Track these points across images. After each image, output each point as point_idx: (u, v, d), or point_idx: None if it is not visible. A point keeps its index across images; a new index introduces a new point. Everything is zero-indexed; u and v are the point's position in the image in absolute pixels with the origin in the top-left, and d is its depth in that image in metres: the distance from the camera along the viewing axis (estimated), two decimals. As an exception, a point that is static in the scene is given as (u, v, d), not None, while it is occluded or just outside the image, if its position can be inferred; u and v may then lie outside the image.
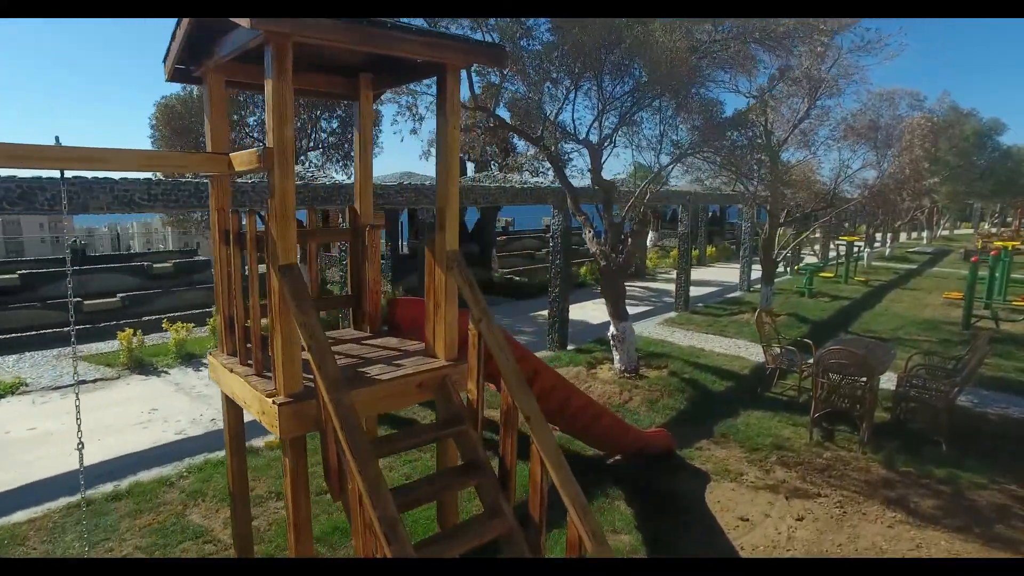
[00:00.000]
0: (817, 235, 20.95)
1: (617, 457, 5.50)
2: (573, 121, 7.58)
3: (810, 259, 21.11)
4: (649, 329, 10.74)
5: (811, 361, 6.58)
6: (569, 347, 9.48)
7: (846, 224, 23.96)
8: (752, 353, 9.18)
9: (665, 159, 8.13)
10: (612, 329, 7.90)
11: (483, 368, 2.99)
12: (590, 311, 12.42)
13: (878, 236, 24.58)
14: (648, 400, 6.94)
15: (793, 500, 4.83)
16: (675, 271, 19.29)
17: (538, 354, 8.98)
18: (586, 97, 7.42)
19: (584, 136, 7.43)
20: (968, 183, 20.66)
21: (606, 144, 7.59)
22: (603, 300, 7.96)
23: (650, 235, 25.30)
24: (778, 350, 7.44)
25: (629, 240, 7.52)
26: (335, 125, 12.73)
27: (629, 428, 5.37)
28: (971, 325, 10.94)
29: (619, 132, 7.61)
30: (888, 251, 23.53)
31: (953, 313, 12.13)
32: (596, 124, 7.36)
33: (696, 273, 18.48)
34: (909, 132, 10.18)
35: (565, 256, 9.53)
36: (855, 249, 17.78)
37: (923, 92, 17.76)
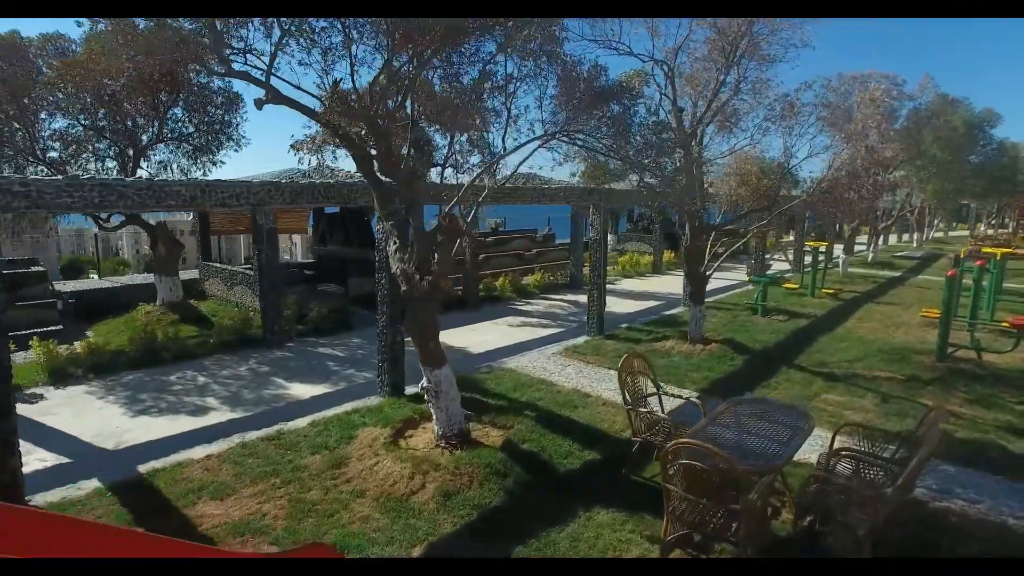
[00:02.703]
0: (788, 238, 18.75)
1: None
2: (354, 83, 5.35)
3: (781, 265, 18.87)
4: (536, 362, 8.52)
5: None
6: (409, 390, 7.27)
7: (812, 228, 21.75)
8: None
9: (516, 140, 5.95)
10: (424, 380, 5.69)
11: None
12: (485, 335, 10.20)
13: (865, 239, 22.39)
14: (443, 492, 4.73)
15: None
16: (622, 279, 17.15)
17: (350, 404, 6.82)
18: (374, 47, 5.21)
19: (375, 105, 5.20)
20: (959, 180, 18.36)
21: (402, 113, 5.41)
22: (516, 320, 5.79)
23: (608, 238, 23.07)
24: (649, 413, 5.18)
25: (435, 256, 5.30)
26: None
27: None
28: (947, 356, 8.70)
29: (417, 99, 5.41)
30: (871, 256, 21.24)
31: (929, 336, 9.87)
32: (392, 87, 5.13)
33: (646, 283, 16.27)
34: (861, 112, 7.93)
35: (390, 273, 7.23)
36: (824, 256, 15.52)
37: (902, 76, 15.54)
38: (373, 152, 5.53)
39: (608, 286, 15.70)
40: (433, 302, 5.45)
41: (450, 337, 10.02)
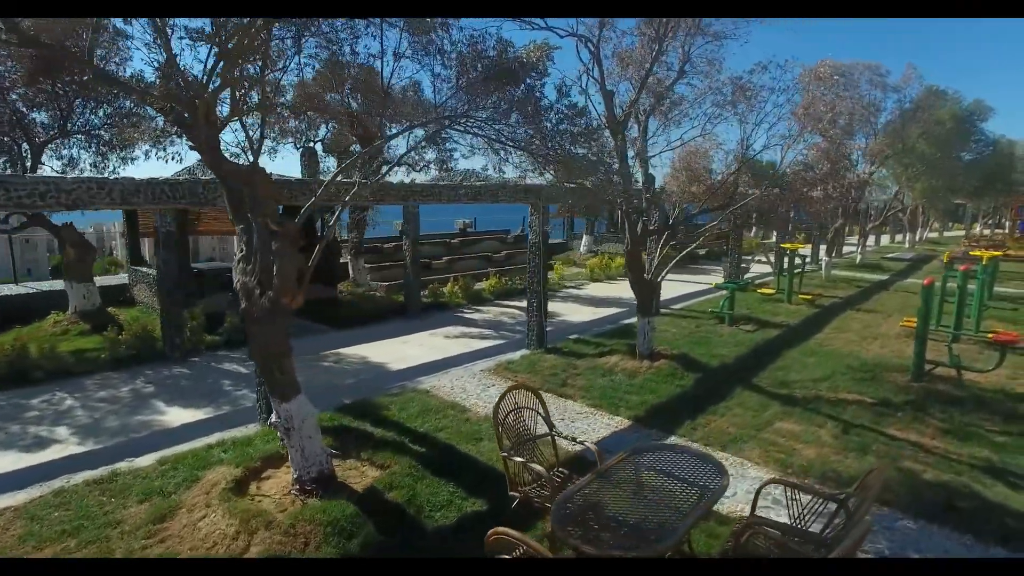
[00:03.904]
0: (771, 240, 17.77)
1: None
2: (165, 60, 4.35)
3: (762, 268, 17.88)
4: (459, 381, 7.54)
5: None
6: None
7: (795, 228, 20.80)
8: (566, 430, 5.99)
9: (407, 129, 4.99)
10: (272, 415, 4.72)
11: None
12: (413, 348, 9.21)
13: (852, 239, 21.43)
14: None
15: None
16: (589, 283, 16.15)
17: (221, 435, 5.85)
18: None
19: (200, 79, 4.20)
20: (949, 178, 17.32)
21: (245, 94, 4.42)
22: (456, 331, 4.81)
23: (584, 239, 22.11)
24: (525, 463, 4.15)
25: (275, 266, 4.32)
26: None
27: None
28: (924, 374, 7.72)
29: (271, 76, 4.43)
30: (859, 258, 20.24)
31: (908, 349, 8.86)
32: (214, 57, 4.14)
33: (614, 288, 15.27)
34: (808, 94, 6.90)
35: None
36: (805, 259, 14.55)
37: (885, 66, 14.55)
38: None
39: (572, 291, 14.78)
40: (280, 322, 4.47)
41: (372, 350, 9.05)
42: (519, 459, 4.00)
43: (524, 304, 12.55)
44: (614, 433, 6.02)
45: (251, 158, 4.66)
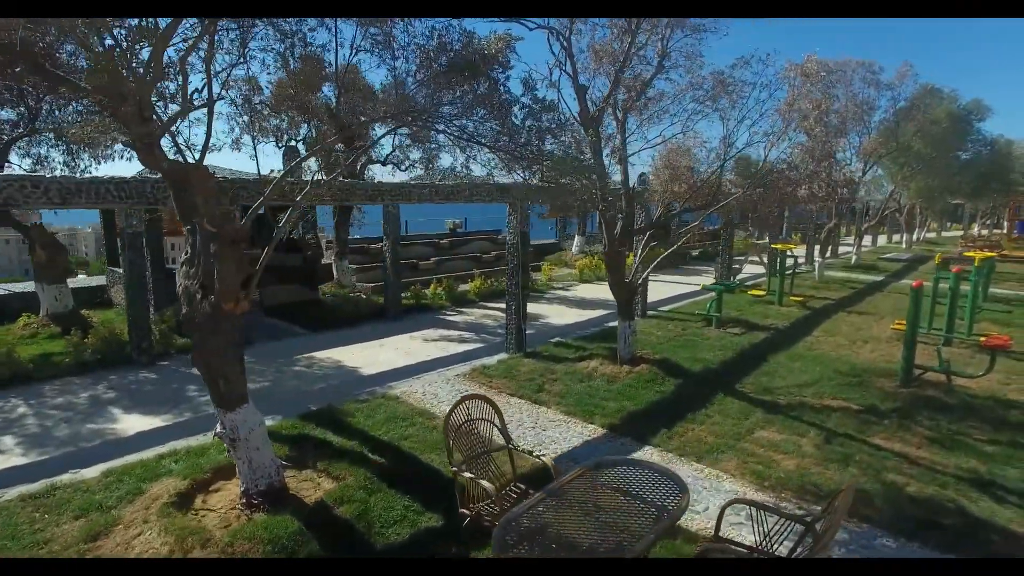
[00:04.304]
0: (764, 240, 17.53)
1: None
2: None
3: (757, 269, 17.63)
4: (431, 387, 7.29)
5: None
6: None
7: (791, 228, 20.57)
8: (530, 442, 5.74)
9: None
10: (217, 425, 4.47)
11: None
12: (389, 352, 8.95)
13: (848, 240, 21.19)
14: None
15: None
16: (579, 284, 15.89)
17: (175, 443, 5.60)
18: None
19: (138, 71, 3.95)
20: (946, 177, 17.01)
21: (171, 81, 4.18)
22: (436, 333, 4.56)
23: (576, 239, 21.86)
24: (474, 479, 3.88)
25: (216, 269, 4.06)
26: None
27: None
28: (913, 379, 7.47)
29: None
30: (854, 258, 19.98)
31: (899, 353, 8.54)
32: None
33: (604, 289, 14.98)
34: (793, 90, 6.63)
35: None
36: (796, 260, 14.30)
37: (879, 63, 14.29)
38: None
39: (560, 292, 14.53)
40: (223, 329, 4.22)
41: (347, 354, 8.80)
42: (468, 474, 3.75)
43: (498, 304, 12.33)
44: (586, 442, 5.77)
45: (196, 157, 4.41)
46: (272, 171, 9.47)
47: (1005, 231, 26.01)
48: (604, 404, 6.69)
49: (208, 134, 4.61)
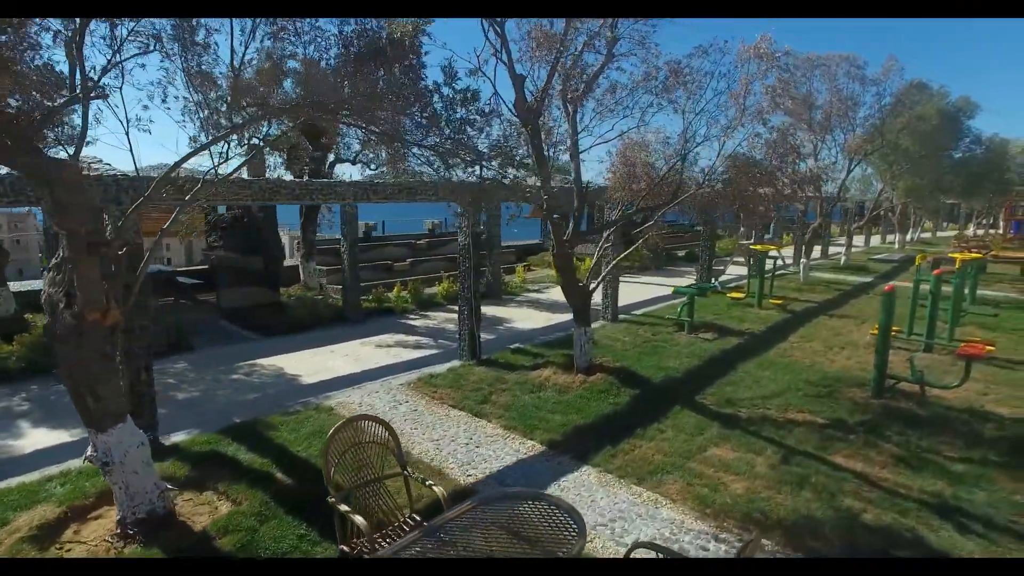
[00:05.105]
0: (749, 241, 17.07)
1: None
2: None
3: (739, 269, 17.14)
4: (371, 397, 6.83)
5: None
6: (179, 437, 5.61)
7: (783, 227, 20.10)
8: (459, 459, 5.29)
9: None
10: (88, 448, 4.02)
11: None
12: (337, 359, 8.49)
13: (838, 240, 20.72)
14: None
15: None
16: (554, 287, 15.40)
17: (70, 464, 5.15)
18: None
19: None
20: (935, 176, 16.51)
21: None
22: (392, 339, 4.11)
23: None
24: (361, 522, 3.40)
25: (75, 276, 3.61)
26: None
27: None
28: (886, 390, 7.01)
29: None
30: (844, 259, 19.50)
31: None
32: None
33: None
34: (746, 76, 6.14)
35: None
36: (776, 260, 13.82)
37: (864, 57, 13.79)
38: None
39: (533, 295, 14.07)
40: (89, 341, 3.77)
41: (293, 361, 8.36)
42: (344, 507, 3.29)
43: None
44: (520, 461, 5.32)
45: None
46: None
47: (1001, 231, 25.52)
48: (550, 418, 6.23)
49: (84, 128, 4.16)
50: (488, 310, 12.14)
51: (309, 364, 8.19)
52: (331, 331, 10.07)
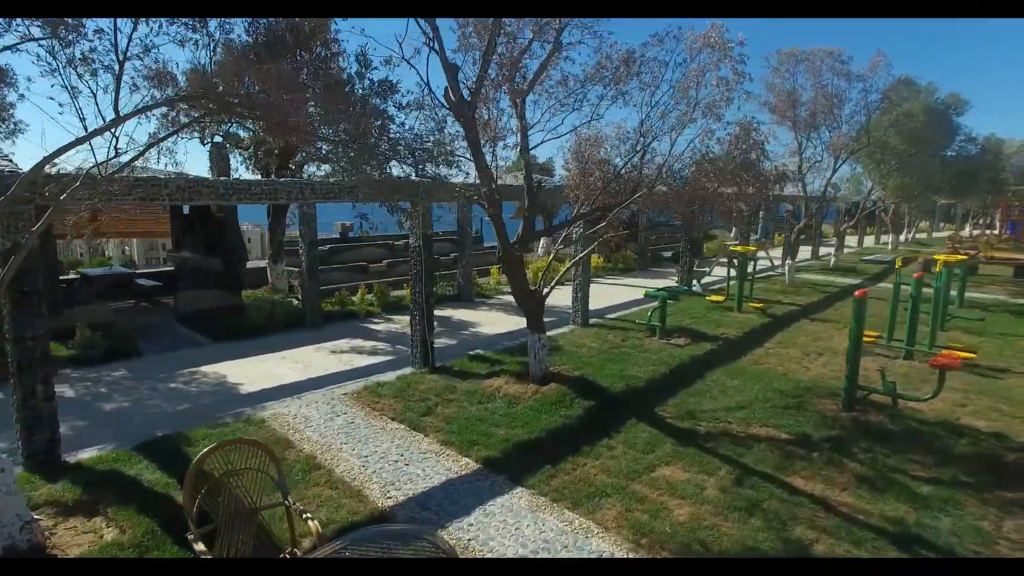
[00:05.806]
0: (733, 242, 16.64)
1: None
2: None
3: (724, 271, 16.70)
4: (308, 408, 6.43)
5: None
6: (87, 454, 5.21)
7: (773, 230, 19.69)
8: (382, 483, 4.88)
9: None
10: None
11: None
12: (284, 366, 8.08)
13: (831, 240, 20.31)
14: None
15: None
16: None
17: None
18: None
19: None
20: (925, 175, 16.05)
21: None
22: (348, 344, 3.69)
23: (542, 240, 20.96)
24: (206, 551, 3.01)
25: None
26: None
27: None
28: (857, 402, 6.59)
29: None
30: (833, 260, 19.07)
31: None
32: None
33: (554, 295, 14.10)
34: (697, 65, 5.71)
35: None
36: (766, 262, 13.38)
37: (848, 52, 13.37)
38: None
39: (507, 298, 13.61)
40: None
41: (237, 368, 7.97)
42: (200, 546, 2.89)
43: (445, 313, 11.44)
44: (448, 482, 4.91)
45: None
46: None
47: (997, 231, 25.06)
48: (493, 432, 5.82)
49: None
50: (456, 313, 11.75)
51: (255, 371, 7.79)
52: (287, 336, 9.67)
